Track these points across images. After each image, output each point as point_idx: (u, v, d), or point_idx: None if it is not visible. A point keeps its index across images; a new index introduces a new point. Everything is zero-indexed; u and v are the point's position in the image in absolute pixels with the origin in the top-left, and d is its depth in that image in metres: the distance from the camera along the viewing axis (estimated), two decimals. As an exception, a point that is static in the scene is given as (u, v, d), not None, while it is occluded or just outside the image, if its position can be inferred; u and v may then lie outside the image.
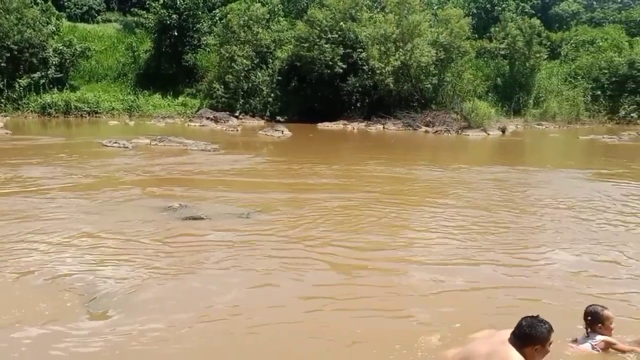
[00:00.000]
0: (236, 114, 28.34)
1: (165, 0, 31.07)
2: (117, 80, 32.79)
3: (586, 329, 4.06)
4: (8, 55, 28.33)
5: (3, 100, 28.46)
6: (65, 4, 37.81)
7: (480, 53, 35.50)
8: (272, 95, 29.40)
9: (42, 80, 29.13)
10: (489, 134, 24.36)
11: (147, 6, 32.22)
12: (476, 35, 35.73)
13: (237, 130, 24.33)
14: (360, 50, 28.35)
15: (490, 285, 5.53)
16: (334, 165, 13.50)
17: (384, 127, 26.55)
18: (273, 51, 30.15)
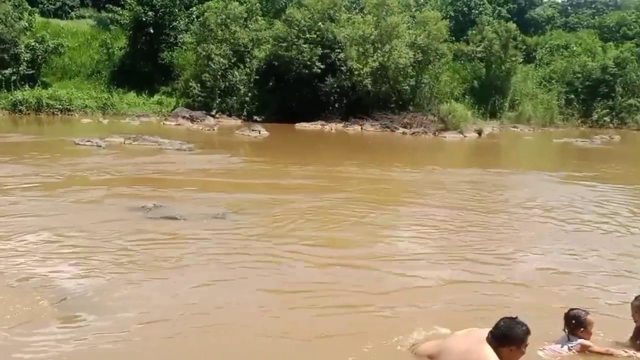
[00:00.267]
0: (213, 113, 28.03)
1: (141, -4, 30.62)
2: (91, 77, 32.16)
3: (565, 331, 4.06)
4: (-22, 51, 27.60)
5: (-28, 96, 27.69)
6: (38, -1, 37.01)
7: (457, 56, 35.81)
8: (250, 94, 29.17)
9: (13, 77, 28.37)
10: (465, 136, 24.57)
11: (122, 3, 31.67)
12: (453, 38, 36.05)
13: (214, 129, 24.09)
14: (338, 50, 28.33)
15: (461, 284, 5.55)
16: (310, 166, 13.43)
17: (362, 128, 26.57)
18: (251, 50, 29.92)
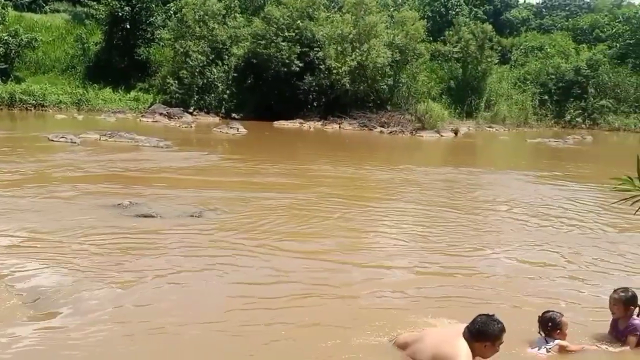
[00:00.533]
0: (190, 111, 27.83)
1: (117, -9, 30.19)
2: (65, 72, 31.61)
3: (541, 334, 4.20)
4: (-52, 44, 26.92)
5: (-58, 91, 26.99)
6: (11, -8, 36.17)
7: (434, 56, 36.16)
8: (228, 92, 29.03)
9: (-15, 71, 27.83)
10: (442, 136, 24.86)
11: (98, -3, 31.25)
12: (431, 38, 36.40)
13: (191, 126, 23.93)
14: (317, 49, 28.37)
15: (432, 279, 5.66)
16: (288, 165, 13.47)
17: (340, 127, 26.68)
18: (229, 47, 29.75)
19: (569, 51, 39.85)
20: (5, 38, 28.93)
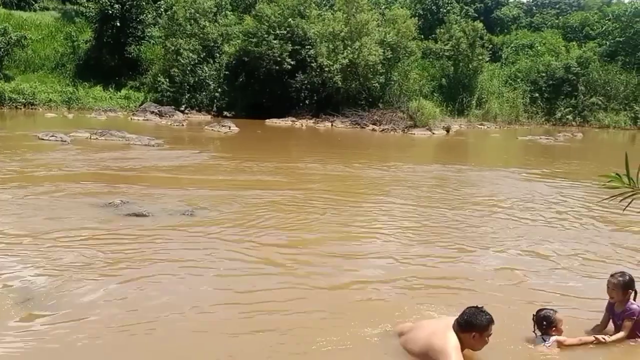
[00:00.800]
0: (182, 109, 27.76)
1: (107, -11, 30.01)
2: (55, 70, 31.41)
3: (536, 333, 4.23)
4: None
5: None
6: (-1, -11, 35.87)
7: (426, 54, 36.28)
8: (219, 90, 28.96)
9: (-26, 70, 27.59)
10: (434, 133, 24.94)
11: (88, -6, 31.05)
12: (422, 36, 36.52)
13: (183, 125, 23.84)
14: (308, 47, 28.36)
15: (418, 276, 5.66)
16: (280, 163, 13.46)
17: (332, 125, 26.69)
18: (220, 45, 29.68)
19: (559, 49, 40.11)
20: (-6, 36, 28.72)
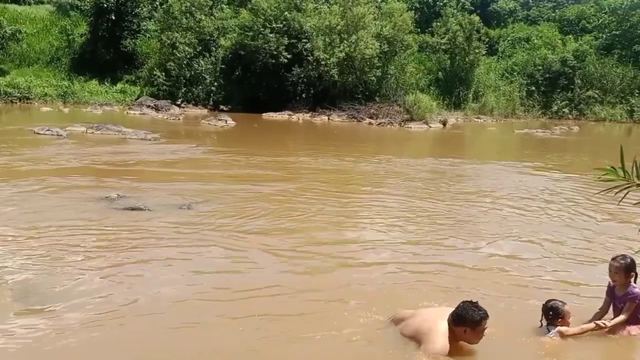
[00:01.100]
0: (178, 103, 27.67)
1: (102, -18, 29.80)
2: (50, 64, 31.23)
3: (542, 323, 4.25)
4: None
5: None
6: (-7, -17, 35.58)
7: (422, 47, 36.18)
8: (216, 84, 28.87)
9: (-32, 64, 27.43)
10: (430, 127, 24.94)
11: (83, -12, 30.85)
12: (419, 29, 36.38)
13: (179, 119, 23.78)
14: (305, 40, 28.27)
15: (412, 268, 5.68)
16: (277, 157, 13.46)
17: (328, 119, 26.66)
18: (216, 39, 29.55)
19: (555, 42, 40.05)
20: (-11, 30, 28.54)
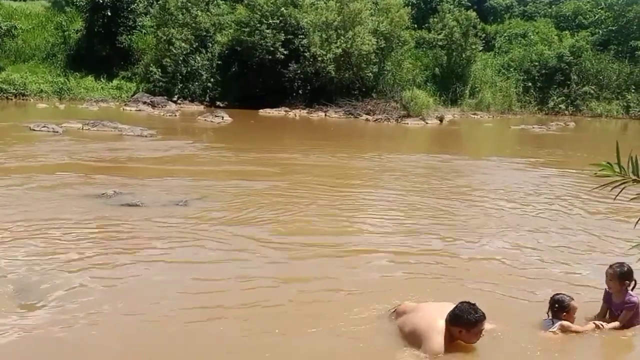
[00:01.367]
0: (174, 99, 27.59)
1: (97, -22, 29.62)
2: (46, 61, 31.07)
3: (548, 315, 4.27)
4: None
5: None
6: (-13, -22, 35.35)
7: (419, 43, 36.13)
8: (212, 80, 28.80)
9: (-37, 60, 27.28)
10: (427, 123, 24.95)
11: (78, -16, 30.68)
12: (415, 25, 36.32)
13: (176, 115, 23.71)
14: (301, 36, 28.21)
15: (408, 265, 5.68)
16: (274, 153, 13.44)
17: (325, 115, 26.63)
18: (213, 35, 29.46)
19: (552, 38, 40.05)
20: (-17, 26, 28.37)
